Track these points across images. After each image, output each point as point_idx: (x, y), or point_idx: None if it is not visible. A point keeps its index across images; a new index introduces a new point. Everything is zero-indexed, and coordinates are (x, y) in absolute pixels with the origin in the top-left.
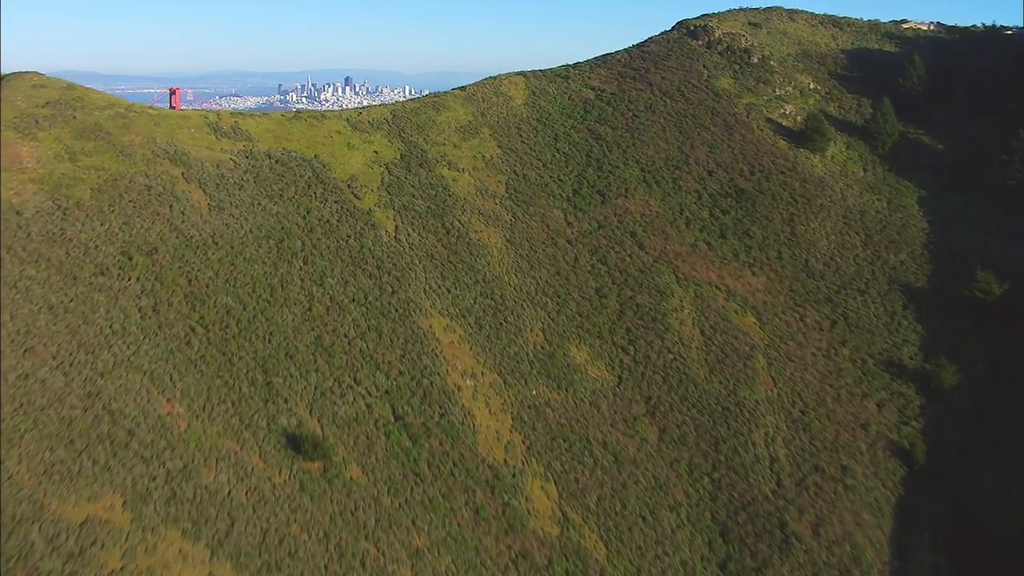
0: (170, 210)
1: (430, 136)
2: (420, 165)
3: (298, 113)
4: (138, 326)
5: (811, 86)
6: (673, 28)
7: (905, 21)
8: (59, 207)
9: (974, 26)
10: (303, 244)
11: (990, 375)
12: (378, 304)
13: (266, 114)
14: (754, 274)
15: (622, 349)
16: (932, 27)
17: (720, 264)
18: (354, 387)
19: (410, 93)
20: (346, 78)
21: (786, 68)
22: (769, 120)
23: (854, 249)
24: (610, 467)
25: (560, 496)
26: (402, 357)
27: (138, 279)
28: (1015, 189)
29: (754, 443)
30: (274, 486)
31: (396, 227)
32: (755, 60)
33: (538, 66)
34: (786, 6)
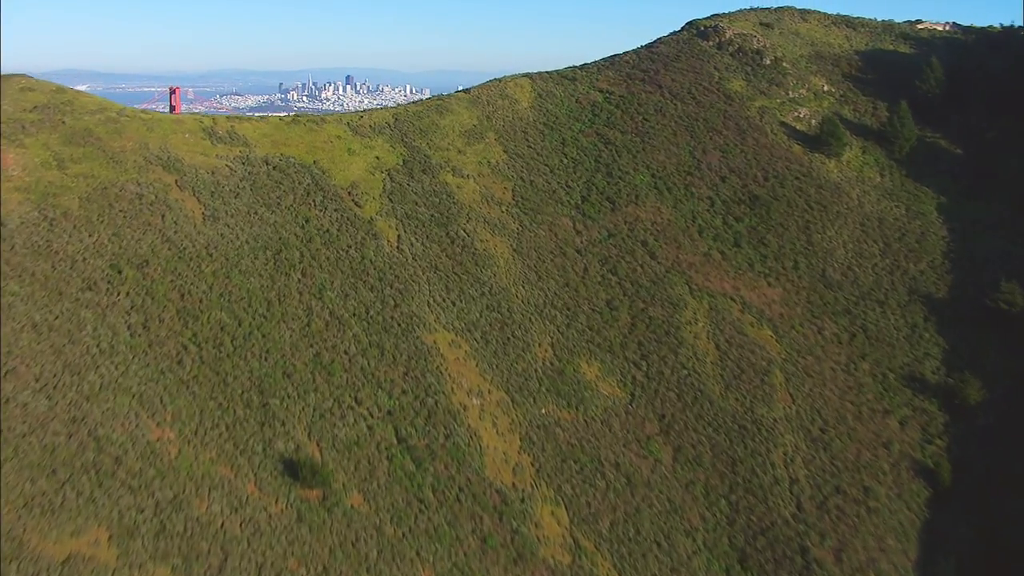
0: (162, 220)
1: (433, 141)
2: (423, 171)
3: (297, 117)
4: (127, 344)
5: (825, 88)
6: (683, 28)
7: (920, 21)
8: (45, 217)
9: (990, 26)
10: (301, 255)
11: (1016, 390)
12: (380, 319)
13: (264, 118)
14: (770, 284)
15: (634, 364)
16: (948, 27)
17: (735, 274)
18: (355, 408)
19: (411, 92)
20: (347, 77)
21: (799, 70)
22: (783, 124)
23: (872, 258)
24: (623, 490)
25: (571, 522)
26: (405, 375)
27: (127, 294)
28: None
29: (773, 463)
30: (270, 517)
31: (398, 237)
32: (767, 62)
33: (541, 65)
34: (798, 6)
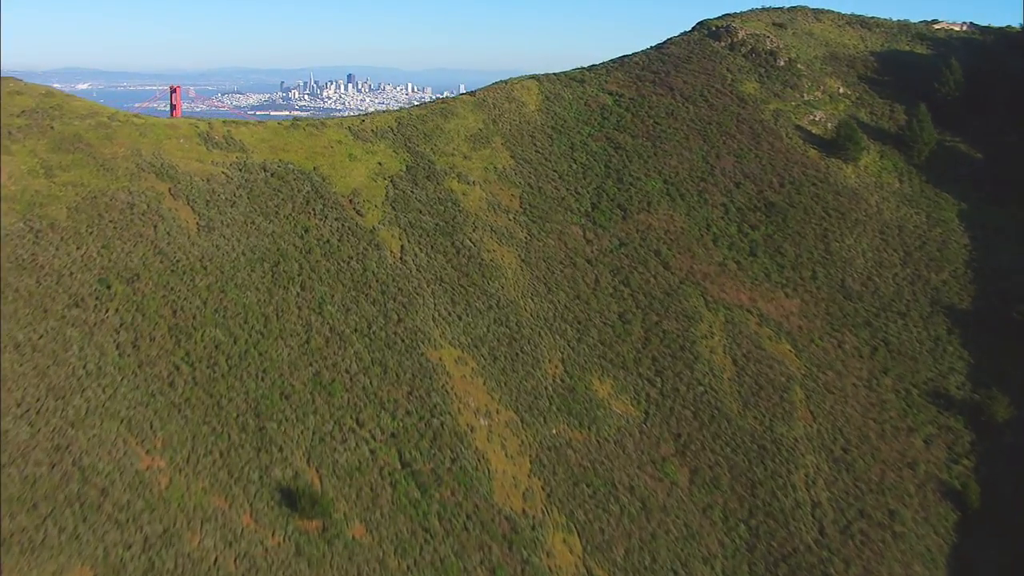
0: (154, 231)
1: (438, 146)
2: (427, 178)
3: (296, 121)
4: (115, 365)
5: (841, 91)
6: (693, 29)
7: (936, 21)
8: (31, 229)
9: (1009, 27)
10: (300, 267)
11: None
12: (382, 334)
13: (261, 122)
14: (787, 296)
15: (648, 381)
16: (965, 28)
17: (751, 285)
18: (356, 430)
19: (412, 90)
20: (348, 75)
21: (814, 72)
22: (798, 127)
23: (893, 268)
24: (638, 515)
25: (584, 550)
26: (409, 394)
27: (117, 310)
28: None
29: (794, 486)
30: (267, 550)
31: (402, 247)
32: (781, 63)
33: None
34: (811, 5)
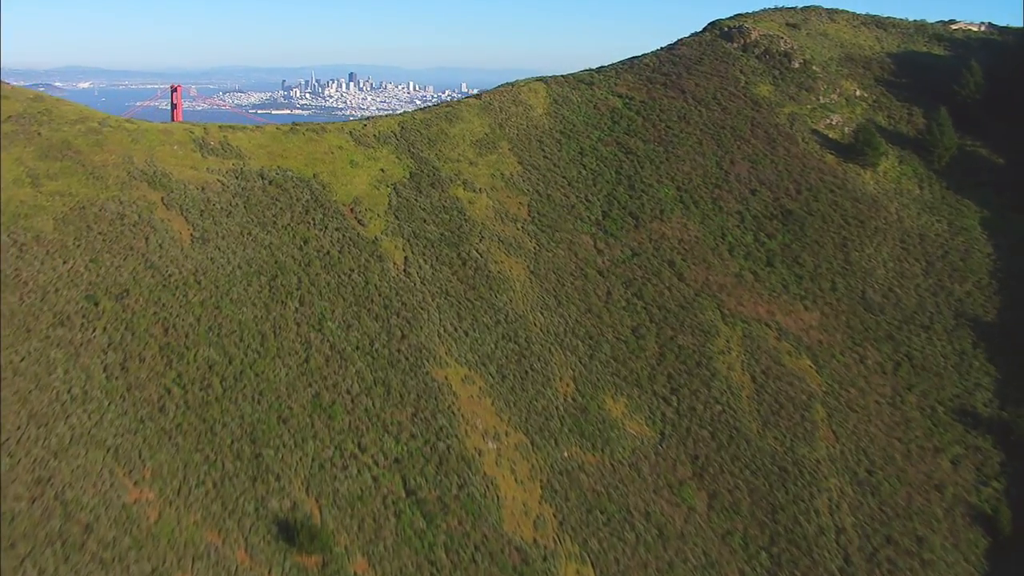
0: (146, 243)
1: (443, 151)
2: (432, 185)
3: (295, 126)
4: (102, 389)
5: (857, 93)
6: (705, 29)
7: (954, 21)
8: (15, 242)
9: None
10: (299, 281)
11: None
12: (385, 352)
13: (259, 127)
14: (807, 308)
15: (663, 400)
16: (983, 28)
17: (769, 297)
18: (358, 456)
19: (414, 88)
20: (350, 74)
21: (829, 73)
22: (814, 131)
23: (915, 278)
24: (654, 543)
25: None
26: (414, 416)
27: (104, 329)
28: None
29: (817, 511)
30: None
31: (405, 259)
32: (796, 65)
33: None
34: (825, 5)
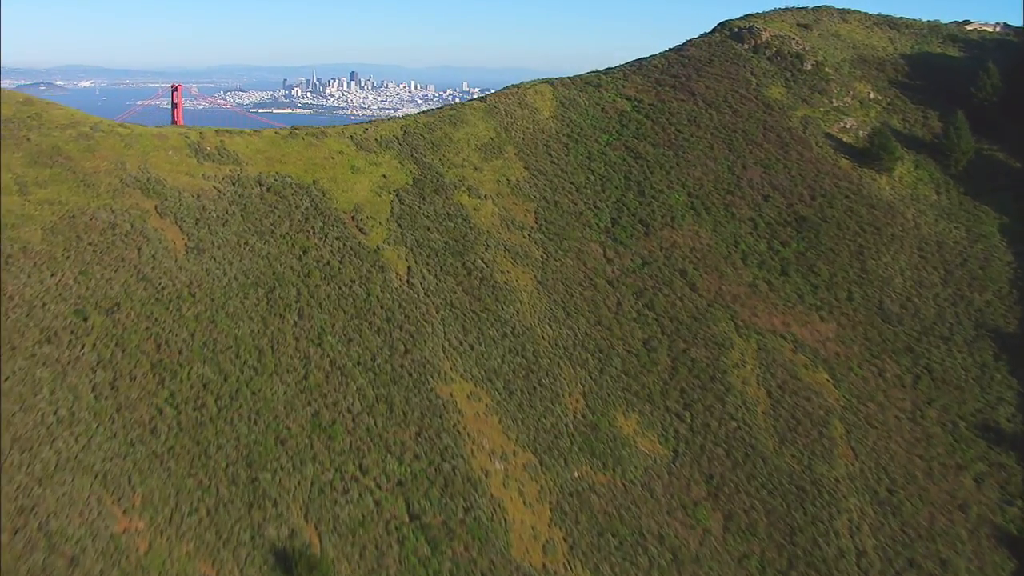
0: (138, 254)
1: (447, 156)
2: (436, 191)
3: (295, 130)
4: (90, 410)
5: (871, 96)
6: (714, 30)
7: (968, 22)
8: (0, 253)
9: None
10: (298, 293)
11: None
12: (388, 368)
13: (257, 131)
14: (823, 319)
15: (676, 416)
16: (998, 28)
17: (784, 308)
18: (360, 479)
19: (415, 87)
20: (351, 73)
21: (842, 75)
22: (828, 135)
23: (933, 287)
24: (668, 568)
25: None
26: (418, 436)
27: (94, 346)
28: None
29: (836, 532)
30: None
31: (408, 269)
32: (808, 66)
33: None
34: (836, 5)
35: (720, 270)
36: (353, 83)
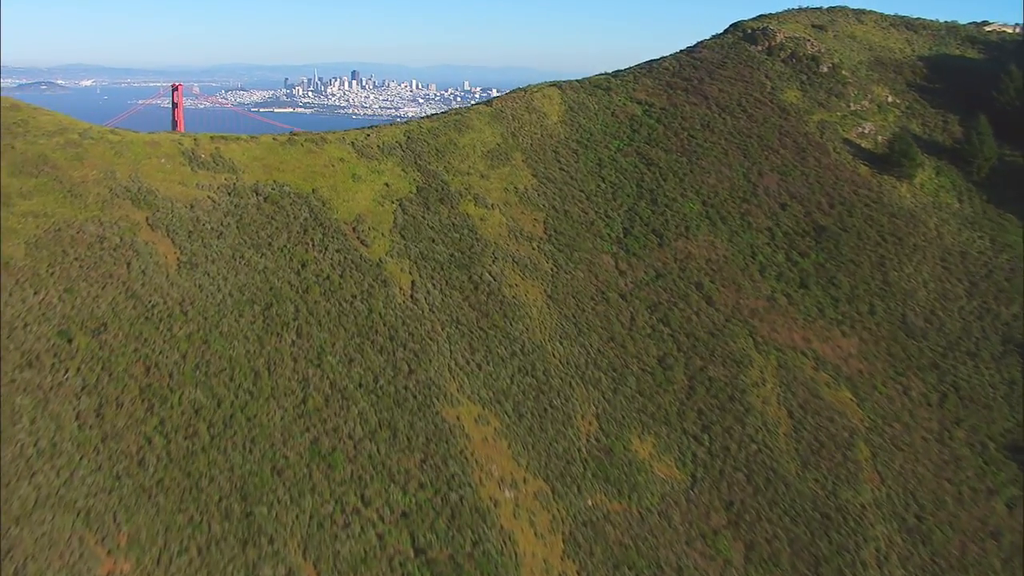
0: (127, 269)
1: (452, 163)
2: (441, 201)
3: (293, 136)
4: (74, 441)
5: (889, 99)
6: (726, 31)
7: (987, 23)
8: None
9: None
10: (297, 310)
11: None
12: (391, 390)
13: (254, 137)
14: (844, 334)
15: (694, 439)
16: (1018, 29)
17: (804, 322)
18: (362, 511)
19: (417, 87)
20: (352, 72)
21: (859, 78)
22: (846, 141)
23: (958, 300)
24: None
25: None
26: (423, 463)
27: (79, 370)
28: None
29: (864, 563)
30: None
31: (413, 283)
32: (824, 69)
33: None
34: (851, 5)
35: (737, 283)
36: (354, 82)
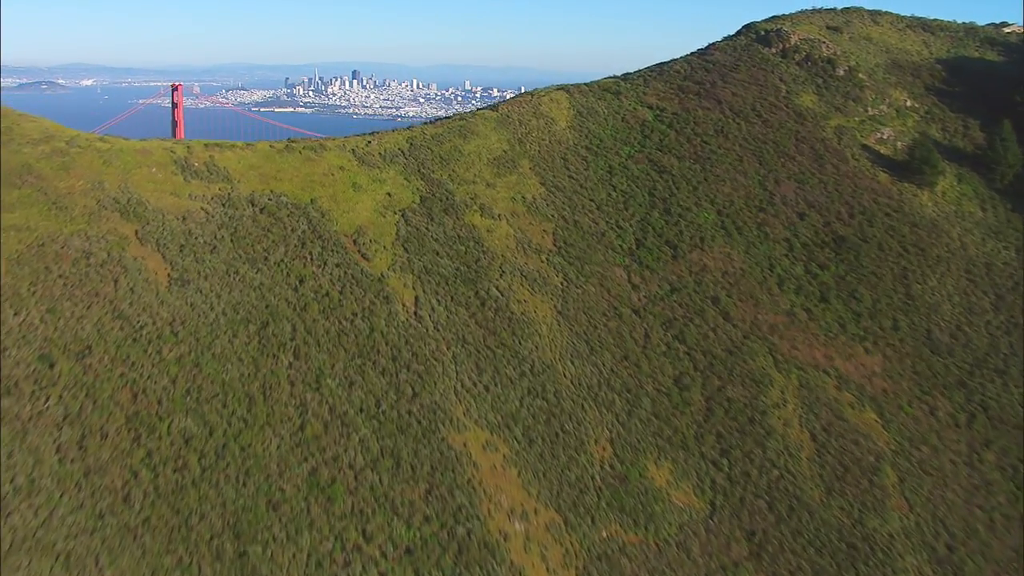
0: (114, 287)
1: (456, 171)
2: (445, 211)
3: (291, 143)
4: (54, 477)
5: (907, 104)
6: (739, 32)
7: (1006, 24)
8: None
9: None
10: (294, 329)
11: None
12: (394, 415)
13: (250, 145)
14: (867, 351)
15: (713, 464)
16: None
17: (825, 339)
18: (363, 548)
19: (417, 86)
20: (353, 71)
21: (876, 82)
22: (864, 147)
23: (984, 314)
24: None
25: None
26: (428, 494)
27: (60, 398)
28: None
29: None
30: None
31: (416, 299)
32: (840, 72)
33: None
34: (866, 6)
35: (755, 297)
36: (355, 82)
